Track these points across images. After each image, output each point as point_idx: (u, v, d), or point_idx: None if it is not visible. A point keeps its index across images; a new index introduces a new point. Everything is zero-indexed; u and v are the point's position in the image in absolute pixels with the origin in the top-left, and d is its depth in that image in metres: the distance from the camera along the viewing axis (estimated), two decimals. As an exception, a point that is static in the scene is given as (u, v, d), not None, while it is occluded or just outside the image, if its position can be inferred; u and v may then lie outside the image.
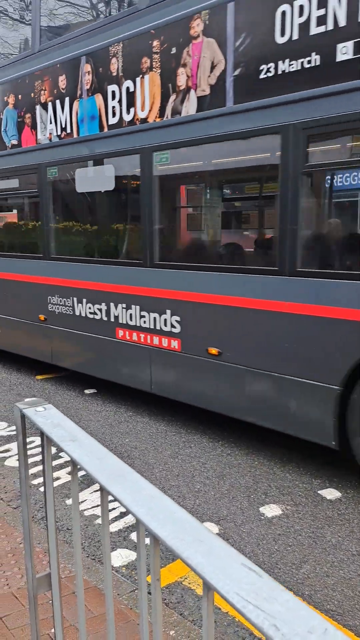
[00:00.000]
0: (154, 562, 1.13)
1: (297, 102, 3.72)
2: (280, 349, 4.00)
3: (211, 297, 4.45)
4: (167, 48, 4.51)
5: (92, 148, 5.33)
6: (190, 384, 4.75)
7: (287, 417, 4.06)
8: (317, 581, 2.82)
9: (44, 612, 2.37)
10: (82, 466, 1.29)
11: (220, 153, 4.48)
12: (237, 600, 0.81)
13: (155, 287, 4.86)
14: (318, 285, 3.76)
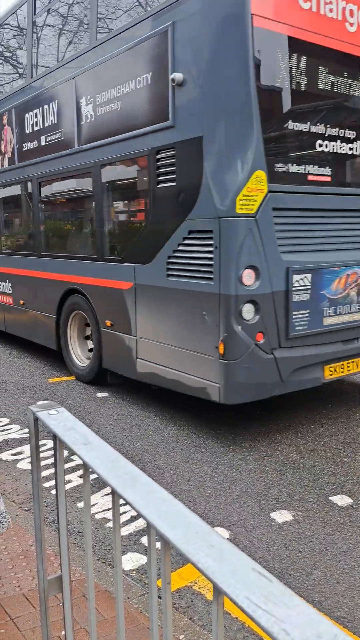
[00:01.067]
0: (165, 566, 1.14)
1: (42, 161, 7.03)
2: (40, 300, 7.29)
3: (21, 271, 7.81)
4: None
5: None
6: (17, 322, 8.13)
7: (40, 333, 7.44)
8: (327, 588, 2.80)
9: (54, 615, 2.38)
10: (94, 469, 1.30)
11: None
12: (247, 605, 0.82)
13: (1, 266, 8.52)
14: (55, 262, 6.90)
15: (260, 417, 5.31)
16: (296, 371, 4.70)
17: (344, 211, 4.96)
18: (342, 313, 4.93)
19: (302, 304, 4.62)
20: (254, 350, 4.39)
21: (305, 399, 5.88)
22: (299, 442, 4.68)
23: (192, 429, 4.98)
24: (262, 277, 4.38)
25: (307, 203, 4.65)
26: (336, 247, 4.94)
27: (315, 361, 4.82)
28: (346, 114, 4.87)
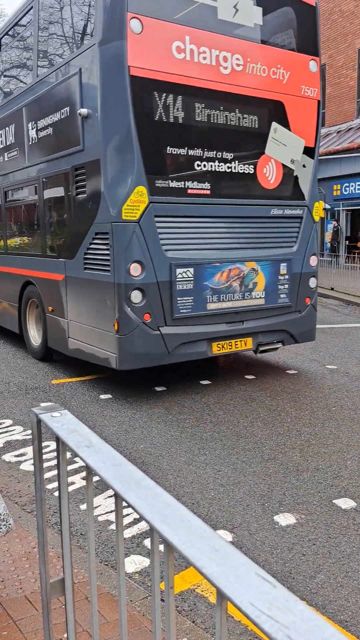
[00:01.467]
0: (168, 571, 1.13)
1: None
2: (7, 291, 8.39)
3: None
4: None
5: None
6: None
7: (7, 320, 8.60)
8: (331, 591, 2.79)
9: (56, 617, 2.38)
10: (97, 472, 1.30)
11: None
12: (251, 611, 0.81)
13: None
14: (17, 259, 8.13)
15: (264, 419, 5.30)
16: (182, 345, 5.81)
17: (224, 217, 6.00)
18: (225, 300, 6.03)
19: (185, 291, 5.73)
20: (141, 327, 5.52)
21: (308, 401, 5.87)
22: (302, 445, 4.67)
23: (195, 431, 4.97)
24: (147, 270, 5.48)
25: (188, 211, 5.72)
26: (218, 246, 5.99)
27: (200, 338, 5.91)
28: (222, 139, 5.89)
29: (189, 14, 5.50)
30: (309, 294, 6.78)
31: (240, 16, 5.83)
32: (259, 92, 6.02)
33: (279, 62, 6.14)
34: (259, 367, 7.32)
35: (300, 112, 6.37)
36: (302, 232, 6.63)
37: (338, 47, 21.73)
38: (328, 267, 17.23)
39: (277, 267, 6.42)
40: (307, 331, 6.87)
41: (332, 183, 21.52)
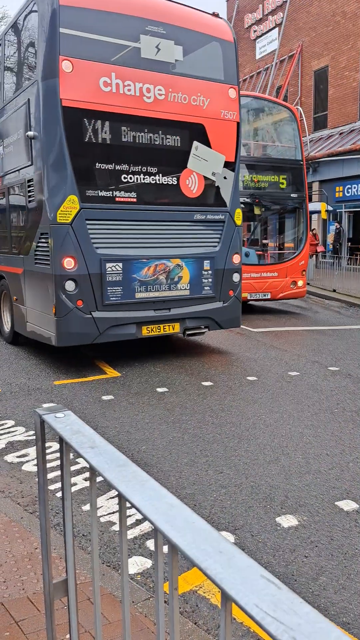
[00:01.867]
0: (173, 572, 1.13)
1: None
2: None
3: None
4: None
5: None
6: None
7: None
8: (333, 593, 2.79)
9: (58, 618, 2.38)
10: (101, 473, 1.30)
11: None
12: (257, 612, 0.81)
13: None
14: None
15: (266, 421, 5.30)
16: (112, 327, 6.87)
17: (150, 221, 7.08)
18: (152, 290, 7.09)
19: (114, 282, 6.79)
20: (74, 311, 6.58)
21: (310, 403, 5.86)
22: (304, 447, 4.66)
23: (196, 433, 4.97)
24: (79, 264, 6.54)
25: (117, 216, 6.82)
26: (145, 245, 7.05)
27: (129, 322, 6.98)
28: (147, 156, 7.01)
29: (115, 55, 6.67)
30: (232, 287, 7.85)
31: (162, 54, 6.96)
32: (180, 116, 7.15)
33: (199, 91, 7.27)
34: (260, 369, 7.31)
35: (220, 132, 7.48)
36: (224, 234, 7.67)
37: (341, 49, 21.73)
38: (330, 269, 17.22)
39: (201, 264, 7.51)
40: (231, 319, 7.94)
41: (334, 185, 21.51)
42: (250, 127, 12.99)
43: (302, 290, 12.42)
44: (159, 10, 6.98)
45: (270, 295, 11.91)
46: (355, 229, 21.89)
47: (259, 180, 11.93)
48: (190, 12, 7.36)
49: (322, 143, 22.20)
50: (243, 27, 27.95)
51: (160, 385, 6.45)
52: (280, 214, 13.06)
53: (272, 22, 25.64)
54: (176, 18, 7.10)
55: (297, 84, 24.45)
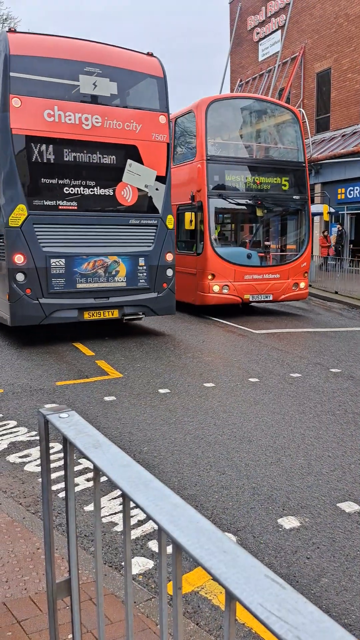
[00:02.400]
0: (176, 571, 1.14)
1: None
2: None
3: None
4: None
5: None
6: None
7: None
8: (335, 595, 2.79)
9: (60, 618, 2.38)
10: (105, 473, 1.30)
11: None
12: (261, 612, 0.82)
13: None
14: None
15: (268, 422, 5.30)
16: (57, 311, 8.35)
17: (90, 225, 8.61)
18: (92, 282, 8.60)
19: (58, 275, 8.31)
20: (24, 297, 8.12)
21: (312, 404, 5.86)
22: (306, 448, 4.66)
23: (198, 434, 4.97)
24: (28, 259, 8.07)
25: (60, 220, 8.37)
26: (86, 244, 8.54)
27: (71, 307, 8.48)
28: (86, 172, 8.53)
29: (58, 91, 8.24)
30: (166, 280, 9.24)
31: (98, 89, 8.50)
32: (115, 139, 8.65)
33: (132, 118, 8.76)
34: (262, 370, 7.32)
35: (151, 151, 8.94)
36: (157, 236, 9.10)
37: (343, 51, 21.74)
38: (332, 271, 17.21)
39: (136, 260, 8.93)
40: (165, 307, 9.39)
41: (336, 187, 21.51)
42: (252, 129, 13.00)
43: (304, 292, 12.41)
44: (97, 54, 8.56)
45: (272, 297, 11.91)
46: (357, 231, 21.87)
47: (261, 182, 11.93)
48: (125, 53, 8.94)
49: (324, 145, 22.20)
50: (246, 29, 27.98)
51: (162, 387, 6.46)
52: (283, 215, 13.06)
53: (275, 24, 25.67)
54: (112, 59, 8.69)
55: (299, 86, 24.46)
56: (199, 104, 11.46)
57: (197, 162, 11.38)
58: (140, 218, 8.98)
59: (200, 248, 11.37)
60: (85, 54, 8.47)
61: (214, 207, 11.36)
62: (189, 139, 12.32)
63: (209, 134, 11.34)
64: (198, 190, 11.28)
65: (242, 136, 12.88)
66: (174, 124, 12.61)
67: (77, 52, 8.41)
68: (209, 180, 11.24)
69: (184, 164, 12.08)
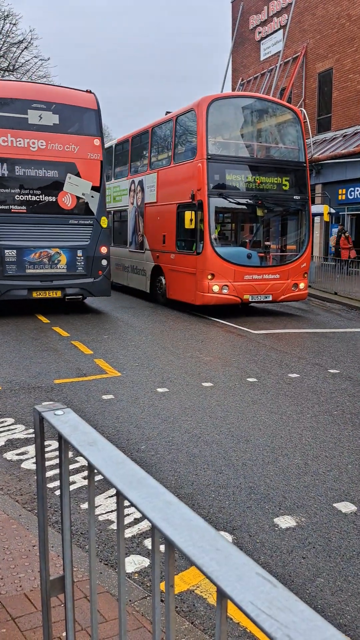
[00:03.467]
0: (169, 569, 1.13)
1: None
2: None
3: None
4: None
5: None
6: None
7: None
8: (330, 595, 2.79)
9: (55, 615, 2.38)
10: (100, 471, 1.30)
11: None
12: (252, 609, 0.82)
13: None
14: None
15: (265, 422, 5.30)
16: (10, 290, 10.75)
17: (37, 224, 10.97)
18: (38, 268, 10.95)
19: (11, 262, 10.70)
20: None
21: (310, 405, 5.86)
22: (303, 448, 4.67)
23: (196, 433, 4.97)
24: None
25: (13, 221, 10.79)
26: (34, 239, 10.91)
27: (22, 288, 10.85)
28: (34, 183, 10.97)
29: (10, 122, 10.67)
30: (101, 268, 11.42)
31: (43, 120, 10.90)
32: (57, 158, 11.04)
33: (71, 142, 11.12)
34: (261, 370, 7.32)
35: (87, 167, 11.28)
36: (93, 233, 11.36)
37: (345, 51, 21.72)
38: (332, 272, 17.20)
39: (75, 252, 11.21)
40: (101, 290, 11.59)
41: (337, 187, 21.50)
42: (253, 129, 12.98)
43: (304, 293, 12.41)
44: (42, 93, 11.18)
45: (271, 298, 11.90)
46: (357, 232, 21.87)
47: (261, 182, 11.92)
48: (66, 91, 11.48)
49: (325, 145, 22.19)
50: (248, 28, 27.96)
51: (161, 386, 6.46)
52: (283, 215, 13.04)
53: (277, 23, 25.65)
54: (55, 97, 11.14)
55: (301, 86, 24.45)
56: (199, 103, 11.44)
57: (197, 161, 11.36)
58: (78, 219, 11.28)
59: (200, 247, 11.35)
60: (33, 94, 11.07)
61: (214, 206, 11.34)
62: (189, 137, 12.30)
63: (209, 133, 11.33)
64: (198, 189, 11.27)
65: (243, 135, 12.86)
66: (174, 122, 12.60)
67: (27, 92, 11.05)
68: (210, 179, 11.22)
69: (184, 163, 12.08)
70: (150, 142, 14.04)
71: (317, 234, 22.19)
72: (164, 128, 13.46)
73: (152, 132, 13.96)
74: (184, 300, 12.21)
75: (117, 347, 8.48)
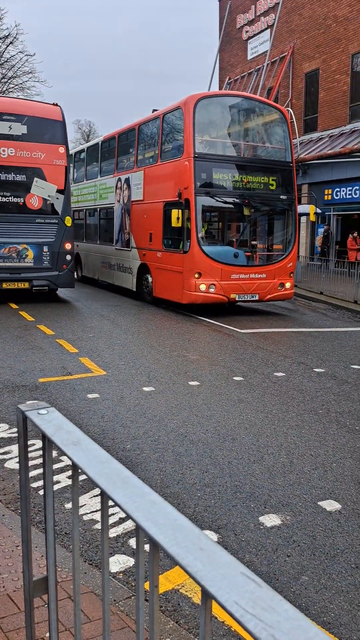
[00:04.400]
0: (153, 569, 1.12)
1: None
2: None
3: None
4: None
5: None
6: None
7: None
8: (314, 593, 2.80)
9: (39, 616, 2.36)
10: (84, 470, 1.29)
11: None
12: (236, 609, 0.81)
13: None
14: None
15: (251, 420, 5.31)
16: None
17: (6, 222, 12.10)
18: (7, 262, 12.13)
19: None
20: None
21: (295, 403, 5.89)
22: (288, 447, 4.68)
23: (182, 432, 4.97)
24: None
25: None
26: (2, 236, 12.08)
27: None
28: (2, 186, 12.10)
29: None
30: (65, 263, 12.64)
31: (12, 130, 12.10)
32: (25, 164, 12.23)
33: (38, 149, 12.32)
34: (247, 369, 7.33)
35: (53, 172, 12.49)
36: (58, 231, 12.53)
37: (332, 52, 21.85)
38: (318, 272, 17.30)
39: (41, 248, 12.40)
40: (66, 282, 12.81)
41: (323, 187, 21.63)
42: (240, 128, 13.00)
43: (290, 292, 12.47)
44: (12, 106, 12.35)
45: (258, 297, 11.94)
46: (343, 232, 22.03)
47: (248, 181, 11.95)
48: (34, 104, 12.94)
49: (312, 145, 22.31)
50: (235, 27, 27.99)
51: (147, 384, 6.44)
52: (270, 215, 13.09)
53: (264, 23, 25.71)
54: (24, 110, 12.31)
55: (288, 86, 24.54)
56: (186, 101, 11.43)
57: (184, 159, 11.35)
58: (44, 218, 12.49)
59: (187, 246, 11.34)
60: (4, 107, 12.18)
61: (201, 204, 11.34)
62: (176, 135, 12.28)
63: (196, 131, 11.32)
64: (185, 187, 11.26)
65: (230, 134, 12.88)
66: (161, 120, 12.57)
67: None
68: (196, 177, 11.22)
69: (171, 161, 12.06)
70: (137, 140, 13.99)
71: (303, 234, 22.31)
72: (151, 126, 13.43)
73: (138, 129, 13.91)
74: (170, 298, 12.20)
75: (103, 346, 8.44)
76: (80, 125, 59.67)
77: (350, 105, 21.19)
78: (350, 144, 19.66)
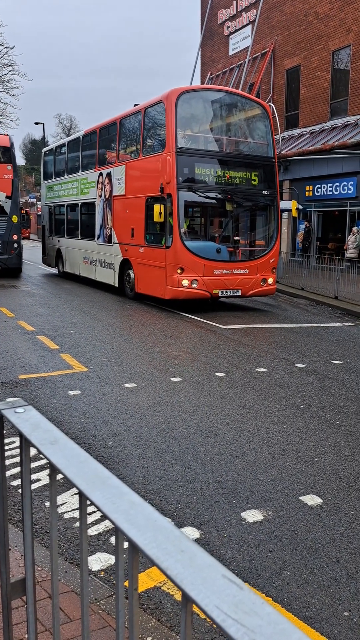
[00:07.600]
0: (132, 572, 1.10)
1: None
2: None
3: None
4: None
5: None
6: None
7: None
8: (296, 588, 2.80)
9: (18, 616, 2.32)
10: (61, 470, 1.25)
11: None
12: (217, 614, 0.79)
13: None
14: None
15: (233, 416, 5.31)
16: None
17: None
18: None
19: None
20: None
21: (277, 399, 5.90)
22: (270, 442, 4.69)
23: (164, 428, 4.95)
24: None
25: None
26: None
27: None
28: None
29: None
30: (13, 249, 17.07)
31: None
32: None
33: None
34: (229, 365, 7.34)
35: (2, 183, 16.59)
36: (7, 226, 16.80)
37: (312, 49, 21.92)
38: (299, 267, 17.39)
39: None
40: (13, 263, 17.29)
41: (304, 184, 21.73)
42: (223, 122, 12.97)
43: (272, 288, 12.51)
44: None
45: (240, 292, 11.96)
46: (324, 229, 22.17)
47: (231, 176, 11.94)
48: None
49: (293, 142, 22.38)
50: (217, 22, 27.91)
51: (129, 381, 6.40)
52: (252, 210, 13.10)
53: (246, 18, 25.68)
54: None
55: (269, 82, 24.57)
56: (168, 95, 11.36)
57: (166, 154, 11.29)
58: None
59: (169, 241, 11.30)
60: None
61: (184, 200, 11.30)
62: (158, 130, 12.21)
63: (178, 126, 11.26)
64: (167, 182, 11.20)
65: (212, 129, 12.84)
66: (142, 114, 12.48)
67: None
68: (179, 172, 11.17)
69: (153, 156, 11.99)
70: (119, 134, 13.88)
71: (285, 230, 22.39)
72: (133, 120, 13.33)
73: (120, 123, 13.80)
74: (153, 294, 12.15)
75: (84, 342, 8.37)
76: (61, 119, 59.01)
77: (330, 102, 21.29)
78: (330, 140, 19.76)
